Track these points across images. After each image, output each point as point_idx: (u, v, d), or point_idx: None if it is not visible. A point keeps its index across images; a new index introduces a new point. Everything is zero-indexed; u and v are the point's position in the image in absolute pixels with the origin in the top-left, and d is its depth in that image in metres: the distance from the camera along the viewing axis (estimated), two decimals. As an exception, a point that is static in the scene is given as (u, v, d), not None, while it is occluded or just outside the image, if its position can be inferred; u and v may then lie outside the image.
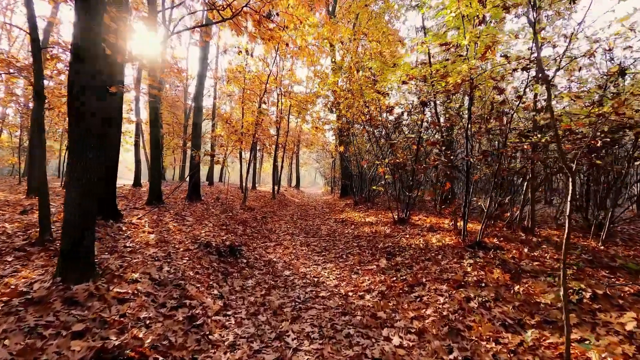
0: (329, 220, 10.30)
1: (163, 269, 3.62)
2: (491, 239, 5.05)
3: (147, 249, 4.32)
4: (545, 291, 3.11)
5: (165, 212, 7.68)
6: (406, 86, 4.33)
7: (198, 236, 5.49)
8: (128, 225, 5.67)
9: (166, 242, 4.83)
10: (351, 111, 8.00)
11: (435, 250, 4.99)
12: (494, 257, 4.25)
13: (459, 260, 4.37)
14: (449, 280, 3.75)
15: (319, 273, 4.70)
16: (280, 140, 19.98)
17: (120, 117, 6.04)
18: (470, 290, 3.34)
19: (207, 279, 3.78)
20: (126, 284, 3.00)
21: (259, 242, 6.52)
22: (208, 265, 4.23)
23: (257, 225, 7.96)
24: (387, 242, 6.04)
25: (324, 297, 3.72)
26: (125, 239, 4.77)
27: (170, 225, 6.23)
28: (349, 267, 5.00)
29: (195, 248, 4.70)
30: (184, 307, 2.97)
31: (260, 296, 3.66)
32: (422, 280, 3.86)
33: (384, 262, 4.91)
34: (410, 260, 4.75)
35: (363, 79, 7.05)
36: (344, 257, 5.60)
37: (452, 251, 4.75)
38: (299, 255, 5.78)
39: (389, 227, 7.36)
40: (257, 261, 5.07)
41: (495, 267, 3.87)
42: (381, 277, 4.27)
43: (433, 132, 9.50)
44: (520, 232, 5.95)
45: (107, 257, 3.68)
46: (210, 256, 4.55)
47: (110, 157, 5.84)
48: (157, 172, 9.13)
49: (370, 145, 14.60)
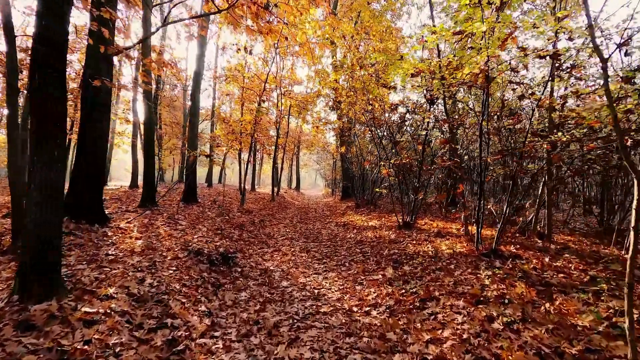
0: (330, 223, 9.90)
1: (145, 281, 3.23)
2: (507, 246, 4.65)
3: (130, 257, 3.93)
4: (580, 310, 2.71)
5: (158, 215, 7.29)
6: (414, 79, 3.94)
7: (189, 242, 5.10)
8: (115, 230, 5.29)
9: (153, 249, 4.44)
10: (354, 109, 7.62)
11: (446, 258, 4.58)
12: (513, 268, 3.85)
13: (474, 270, 3.96)
14: (465, 294, 3.35)
15: (319, 284, 4.30)
16: (280, 141, 19.62)
17: (107, 116, 5.66)
18: (492, 308, 2.94)
19: (195, 292, 3.38)
20: (98, 302, 2.61)
21: (255, 248, 6.13)
22: (197, 275, 3.83)
23: (254, 230, 7.56)
24: (392, 249, 5.64)
25: (326, 314, 3.32)
26: (108, 246, 4.38)
27: (161, 229, 5.84)
28: (353, 276, 4.60)
29: (185, 256, 4.30)
30: (165, 328, 2.58)
31: (254, 312, 3.26)
32: (435, 293, 3.46)
33: (390, 271, 4.51)
34: (419, 269, 4.35)
35: (366, 76, 6.68)
36: (346, 265, 5.20)
37: (466, 260, 4.34)
38: (298, 262, 5.38)
39: (394, 232, 6.96)
40: (252, 270, 4.67)
41: (517, 279, 3.47)
42: (388, 289, 3.87)
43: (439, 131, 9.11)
44: (535, 238, 5.55)
45: (82, 268, 3.28)
46: (201, 265, 4.15)
47: (96, 158, 5.46)
48: (152, 174, 8.75)
49: (372, 146, 14.23)
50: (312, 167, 37.57)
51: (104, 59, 5.41)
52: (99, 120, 5.46)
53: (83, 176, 5.33)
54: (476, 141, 6.31)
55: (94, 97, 5.36)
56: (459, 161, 4.87)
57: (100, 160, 5.57)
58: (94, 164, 5.43)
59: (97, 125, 5.42)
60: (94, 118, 5.40)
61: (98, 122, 5.45)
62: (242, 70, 13.49)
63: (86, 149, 5.34)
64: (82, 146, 5.37)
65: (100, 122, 5.49)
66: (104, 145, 5.67)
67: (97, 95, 5.38)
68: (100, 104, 5.44)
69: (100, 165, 5.57)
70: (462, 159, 5.06)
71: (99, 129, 5.47)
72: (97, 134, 5.45)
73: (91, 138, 5.36)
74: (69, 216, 5.16)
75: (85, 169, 5.34)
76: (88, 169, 5.35)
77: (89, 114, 5.37)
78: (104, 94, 5.45)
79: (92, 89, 5.29)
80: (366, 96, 7.18)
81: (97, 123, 5.43)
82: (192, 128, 9.99)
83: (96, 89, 5.30)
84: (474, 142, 7.08)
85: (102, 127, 5.56)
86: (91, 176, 5.39)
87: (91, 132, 5.36)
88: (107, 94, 5.56)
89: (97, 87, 5.27)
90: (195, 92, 10.05)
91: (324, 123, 14.15)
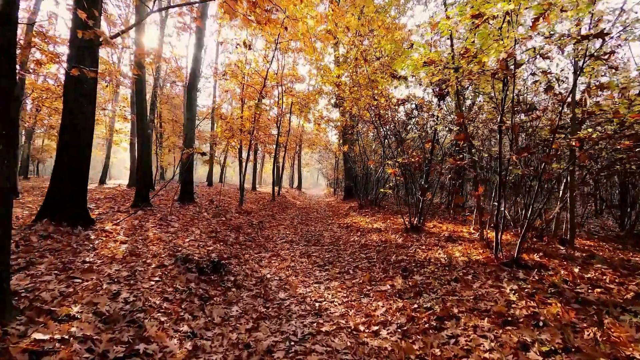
0: (332, 225, 9.46)
1: (119, 296, 2.80)
2: (530, 254, 4.19)
3: (109, 265, 3.51)
4: (635, 339, 2.26)
5: (150, 216, 6.89)
6: (427, 69, 3.49)
7: (179, 247, 4.67)
8: (99, 232, 4.87)
9: (137, 255, 4.02)
10: (358, 105, 7.18)
11: (461, 267, 4.13)
12: (541, 280, 3.40)
13: (495, 282, 3.51)
14: (489, 312, 2.90)
15: (321, 295, 3.86)
16: (281, 140, 19.21)
17: (91, 108, 5.23)
18: (525, 332, 2.49)
19: (178, 307, 2.95)
20: (55, 325, 2.18)
21: (252, 252, 5.69)
22: (184, 287, 3.40)
23: (252, 232, 7.13)
24: (400, 255, 5.19)
25: (328, 333, 2.88)
26: (88, 252, 3.97)
27: (150, 232, 5.42)
28: (358, 286, 4.15)
29: (171, 264, 3.87)
30: (136, 356, 2.15)
31: (246, 332, 2.83)
32: (454, 310, 3.01)
33: (399, 281, 4.06)
34: (432, 280, 3.90)
35: (371, 69, 6.23)
36: (350, 273, 4.76)
37: (484, 270, 3.89)
38: (297, 269, 4.94)
39: (401, 236, 6.51)
40: (247, 279, 4.24)
41: (549, 295, 3.02)
42: (398, 304, 3.43)
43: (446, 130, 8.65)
44: (556, 244, 5.09)
45: (49, 280, 2.86)
46: (189, 274, 3.72)
47: (79, 152, 5.04)
48: (146, 172, 8.35)
49: (376, 145, 13.77)
50: (314, 166, 37.12)
51: (88, 49, 5.00)
52: (82, 111, 5.04)
53: (65, 172, 4.92)
54: (489, 138, 5.86)
55: (77, 88, 4.96)
56: (475, 159, 4.40)
57: (84, 155, 5.15)
58: (77, 158, 5.01)
59: (79, 116, 5.00)
60: (78, 109, 4.99)
61: (81, 113, 5.04)
62: (242, 67, 13.07)
63: (68, 143, 4.93)
64: (64, 139, 4.96)
65: (84, 114, 5.07)
66: (89, 138, 5.24)
67: (81, 86, 4.97)
68: (84, 94, 5.02)
69: (84, 160, 5.15)
70: (481, 158, 4.60)
71: (83, 120, 5.05)
72: (81, 126, 5.03)
73: (74, 130, 4.94)
74: (49, 217, 4.76)
75: (67, 164, 4.93)
76: (71, 163, 4.95)
77: (71, 105, 4.96)
78: (88, 84, 5.04)
79: (74, 79, 4.89)
80: (371, 91, 6.73)
81: (80, 114, 5.01)
82: (188, 125, 9.58)
83: (80, 79, 4.90)
84: (486, 139, 6.61)
85: (86, 119, 5.13)
86: (74, 172, 4.98)
87: (74, 123, 4.95)
88: (91, 84, 5.14)
89: (81, 78, 4.87)
90: (192, 88, 9.63)
91: (325, 121, 13.70)
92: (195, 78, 9.61)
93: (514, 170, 4.86)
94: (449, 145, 9.13)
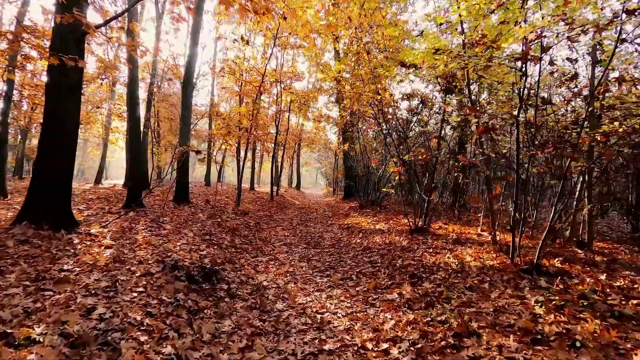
0: (333, 226, 9.13)
1: (94, 312, 2.46)
2: (550, 259, 3.86)
3: (88, 274, 3.16)
4: (693, 364, 1.93)
5: (142, 217, 6.54)
6: (440, 56, 3.16)
7: (169, 252, 4.33)
8: (84, 236, 4.53)
9: (122, 261, 3.67)
10: (361, 100, 6.84)
11: (475, 273, 3.80)
12: (567, 290, 3.07)
13: (515, 292, 3.19)
14: (513, 327, 2.57)
15: (323, 305, 3.52)
16: (280, 139, 18.87)
17: (75, 103, 4.88)
18: (560, 354, 2.16)
19: (163, 323, 2.61)
20: (10, 352, 1.84)
21: (248, 256, 5.35)
22: (170, 298, 3.06)
23: (249, 234, 6.79)
24: (406, 259, 4.86)
25: (332, 353, 2.55)
26: (68, 258, 3.62)
27: (139, 235, 5.08)
28: (362, 294, 3.82)
29: (159, 271, 3.53)
30: (106, 388, 1.81)
31: (238, 352, 2.49)
32: (472, 325, 2.68)
33: (408, 289, 3.73)
34: (443, 288, 3.57)
35: (375, 62, 5.90)
36: (354, 279, 4.43)
37: (501, 277, 3.56)
38: (297, 275, 4.61)
39: (405, 238, 6.18)
40: (242, 286, 3.90)
41: (580, 308, 2.69)
42: (409, 316, 3.10)
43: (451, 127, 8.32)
44: (573, 247, 4.77)
45: (14, 293, 2.52)
46: (177, 283, 3.38)
47: (61, 148, 4.69)
48: (137, 171, 8.01)
49: (377, 143, 13.43)
50: (313, 166, 36.82)
51: (73, 39, 4.65)
52: (66, 106, 4.69)
53: (47, 170, 4.58)
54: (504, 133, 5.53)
55: (61, 82, 4.61)
56: (494, 155, 4.07)
57: (68, 153, 4.81)
58: (61, 156, 4.66)
59: (63, 112, 4.65)
60: (61, 104, 4.64)
61: (65, 108, 4.69)
62: (241, 64, 12.71)
63: (51, 139, 4.58)
64: (46, 135, 4.61)
65: (68, 109, 4.72)
66: (73, 135, 4.88)
67: (65, 80, 4.62)
68: (68, 87, 4.66)
69: (68, 157, 4.80)
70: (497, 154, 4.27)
71: (66, 113, 4.70)
72: (65, 119, 4.68)
73: (57, 124, 4.60)
74: (29, 220, 4.41)
75: (50, 162, 4.58)
76: (54, 161, 4.60)
77: (54, 99, 4.61)
78: (72, 75, 4.68)
79: (57, 72, 4.55)
80: (374, 85, 6.39)
81: (64, 110, 4.67)
82: (183, 122, 9.22)
83: (64, 72, 4.55)
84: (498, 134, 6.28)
85: (71, 115, 4.79)
86: (57, 170, 4.64)
87: (57, 117, 4.60)
88: (77, 76, 4.78)
89: (65, 69, 4.51)
90: (187, 84, 9.27)
91: (325, 118, 13.36)
92: (190, 74, 9.25)
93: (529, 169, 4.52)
94: (454, 143, 8.81)
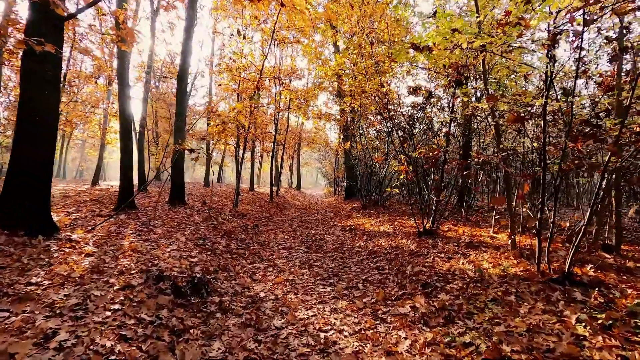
0: (335, 227, 8.73)
1: (54, 338, 2.05)
2: (583, 267, 3.45)
3: (58, 289, 2.76)
4: None
5: (133, 220, 6.15)
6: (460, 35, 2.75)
7: (156, 259, 3.92)
8: (63, 243, 4.13)
9: (100, 272, 3.27)
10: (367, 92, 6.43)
11: (497, 283, 3.39)
12: (608, 304, 2.66)
13: (547, 305, 2.78)
14: (553, 353, 2.16)
15: (327, 321, 3.11)
16: (279, 138, 18.47)
17: (55, 96, 4.48)
18: (622, 392, 1.75)
19: (138, 350, 2.21)
20: None
21: (245, 262, 4.95)
22: (151, 316, 2.65)
23: (246, 238, 6.38)
24: (416, 265, 4.45)
25: (339, 384, 2.14)
26: (41, 268, 3.23)
27: (126, 240, 4.68)
28: (370, 307, 3.42)
29: (141, 283, 3.12)
30: None
31: (228, 384, 2.09)
32: (504, 349, 2.27)
33: (421, 301, 3.32)
34: (463, 300, 3.16)
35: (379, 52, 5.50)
36: (360, 289, 4.02)
37: (528, 288, 3.15)
38: (297, 284, 4.20)
39: (413, 241, 5.78)
40: (236, 299, 3.49)
41: (632, 329, 2.28)
42: (426, 335, 2.69)
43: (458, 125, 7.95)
44: (599, 251, 4.35)
45: (-40, 316, 2.12)
46: (161, 297, 2.97)
47: (38, 145, 4.28)
48: (130, 172, 7.60)
49: (379, 142, 13.03)
50: (314, 166, 36.42)
51: (50, 26, 4.25)
52: (44, 99, 4.29)
53: (22, 169, 4.17)
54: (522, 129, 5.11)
55: (38, 72, 4.21)
56: (519, 150, 3.66)
57: (47, 150, 4.39)
58: (38, 154, 4.26)
59: (40, 105, 4.25)
60: (38, 97, 4.24)
61: (43, 101, 4.29)
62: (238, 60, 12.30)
63: (27, 135, 4.18)
64: (22, 130, 4.20)
65: (46, 102, 4.32)
66: (52, 130, 4.48)
67: (42, 68, 4.21)
68: (45, 78, 4.26)
69: (46, 154, 4.38)
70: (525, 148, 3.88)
71: (43, 107, 4.30)
72: (42, 113, 4.28)
73: (33, 119, 4.19)
74: (1, 225, 4.02)
75: (26, 160, 4.18)
76: (30, 160, 4.20)
77: (31, 92, 4.20)
78: (50, 66, 4.28)
79: (34, 61, 4.15)
80: (378, 78, 5.98)
81: (41, 103, 4.26)
82: (178, 118, 8.83)
83: (40, 60, 4.15)
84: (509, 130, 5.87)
85: (48, 105, 4.38)
86: (34, 168, 4.23)
87: (33, 111, 4.19)
88: (55, 66, 4.38)
89: (42, 56, 4.11)
90: (181, 80, 8.87)
91: (326, 115, 12.96)
92: (184, 69, 8.85)
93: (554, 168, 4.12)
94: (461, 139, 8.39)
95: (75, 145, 33.05)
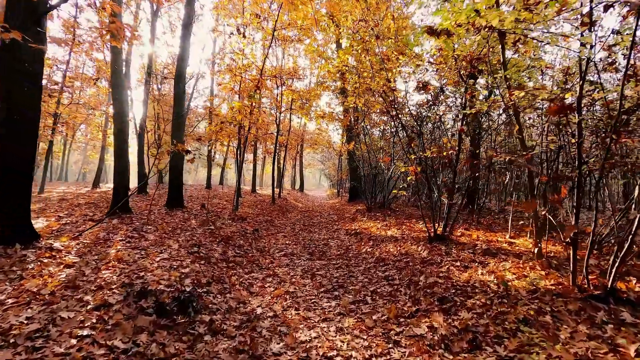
0: (339, 231, 8.32)
1: (-3, 378, 1.68)
2: (629, 282, 3.01)
3: (22, 309, 2.39)
4: None
5: (125, 225, 5.81)
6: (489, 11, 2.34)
7: (143, 271, 3.55)
8: (43, 252, 3.77)
9: (76, 287, 2.90)
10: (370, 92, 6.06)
11: (526, 299, 2.96)
12: (667, 328, 2.23)
13: (592, 329, 2.35)
14: (613, 395, 1.75)
15: (332, 345, 2.71)
16: (282, 139, 18.13)
17: (36, 93, 4.13)
18: None
19: (104, 389, 1.82)
20: None
21: (241, 272, 4.56)
22: (127, 342, 2.27)
23: (244, 244, 6.00)
24: (430, 275, 4.04)
25: None
26: (10, 283, 2.87)
27: (113, 248, 4.31)
28: (381, 325, 3.01)
29: (119, 301, 2.74)
30: None
31: None
32: (549, 388, 1.86)
33: (440, 320, 2.91)
34: (489, 320, 2.74)
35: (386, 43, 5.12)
36: (368, 302, 3.62)
37: (565, 306, 2.73)
38: (298, 297, 3.80)
39: (424, 247, 5.36)
40: (229, 317, 3.10)
41: None
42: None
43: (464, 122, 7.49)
44: (636, 260, 3.90)
45: None
46: (141, 318, 2.59)
47: (18, 153, 3.95)
48: (124, 174, 7.26)
49: (384, 142, 12.61)
50: (316, 167, 36.04)
51: (30, 19, 3.92)
52: (24, 95, 3.96)
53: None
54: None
55: (16, 66, 3.88)
56: (553, 147, 3.24)
57: (26, 152, 4.06)
58: (16, 156, 3.94)
59: (19, 102, 3.92)
60: (17, 93, 3.91)
61: (23, 97, 3.96)
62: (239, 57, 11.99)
63: (4, 136, 3.84)
64: None
65: (26, 99, 4.00)
66: (32, 131, 4.14)
67: (21, 63, 3.88)
68: (25, 73, 3.93)
69: (25, 156, 4.05)
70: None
71: (24, 107, 3.98)
72: (22, 110, 3.95)
73: (11, 118, 3.85)
74: (-26, 234, 3.68)
75: (2, 164, 3.84)
76: (6, 162, 3.86)
77: (8, 86, 3.87)
78: (31, 61, 3.95)
79: (11, 54, 3.82)
80: (385, 73, 5.59)
81: (21, 100, 3.94)
82: (176, 119, 8.50)
83: (18, 55, 3.83)
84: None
85: (30, 106, 4.06)
86: (11, 174, 3.89)
87: (12, 111, 3.86)
88: (36, 61, 4.05)
89: (19, 53, 3.80)
90: (179, 80, 8.55)
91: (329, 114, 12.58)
92: (182, 67, 8.53)
93: (595, 165, 3.68)
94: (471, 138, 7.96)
95: (77, 148, 32.98)
